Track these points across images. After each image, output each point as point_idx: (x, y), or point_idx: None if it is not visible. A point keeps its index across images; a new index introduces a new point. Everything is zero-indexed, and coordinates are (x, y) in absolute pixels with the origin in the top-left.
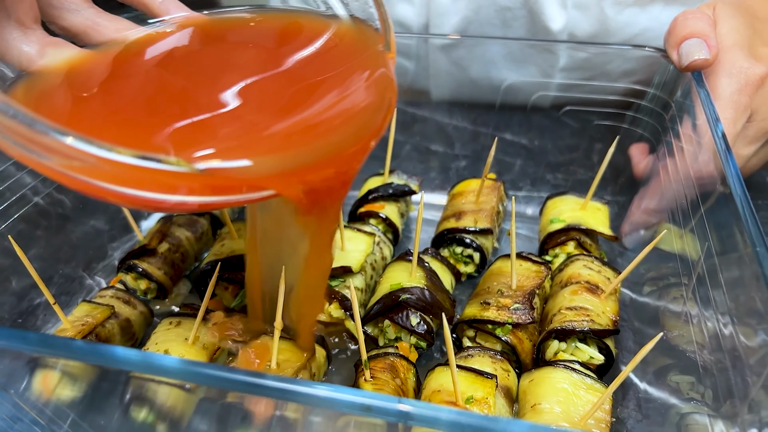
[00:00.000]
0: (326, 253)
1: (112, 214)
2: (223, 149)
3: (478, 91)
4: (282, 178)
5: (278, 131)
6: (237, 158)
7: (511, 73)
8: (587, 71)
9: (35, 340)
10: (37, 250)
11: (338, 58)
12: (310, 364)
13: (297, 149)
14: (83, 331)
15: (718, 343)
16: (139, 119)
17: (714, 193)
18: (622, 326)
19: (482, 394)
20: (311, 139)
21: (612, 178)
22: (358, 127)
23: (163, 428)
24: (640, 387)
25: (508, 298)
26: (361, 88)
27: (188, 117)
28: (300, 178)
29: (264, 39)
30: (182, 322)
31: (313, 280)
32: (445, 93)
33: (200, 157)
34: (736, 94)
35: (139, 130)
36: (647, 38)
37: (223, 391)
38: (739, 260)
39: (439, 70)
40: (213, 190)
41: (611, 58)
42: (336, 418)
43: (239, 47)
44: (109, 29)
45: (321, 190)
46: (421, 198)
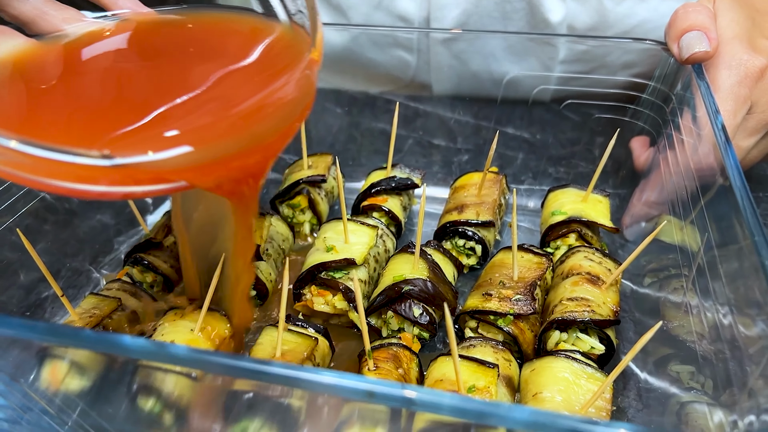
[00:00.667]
0: (248, 237)
1: (118, 209)
2: (143, 143)
3: (479, 84)
4: (194, 171)
5: (192, 128)
6: (153, 152)
7: (512, 66)
8: (587, 63)
9: (45, 330)
10: (44, 245)
11: (265, 62)
12: (313, 354)
13: (209, 145)
14: (91, 322)
15: (717, 334)
16: (74, 114)
17: (714, 185)
18: (623, 317)
19: (484, 383)
20: (223, 136)
21: (613, 171)
22: (268, 129)
23: (170, 418)
24: (641, 377)
25: (510, 290)
26: (279, 90)
27: (116, 115)
28: (211, 171)
29: (198, 40)
30: (187, 313)
31: (238, 261)
32: (446, 87)
33: (122, 151)
34: (736, 86)
35: (72, 124)
36: (646, 30)
37: (229, 379)
38: (738, 251)
39: (440, 64)
40: (135, 182)
41: (611, 50)
42: (340, 406)
43: (174, 48)
44: (56, 18)
45: (233, 182)
46: (423, 191)
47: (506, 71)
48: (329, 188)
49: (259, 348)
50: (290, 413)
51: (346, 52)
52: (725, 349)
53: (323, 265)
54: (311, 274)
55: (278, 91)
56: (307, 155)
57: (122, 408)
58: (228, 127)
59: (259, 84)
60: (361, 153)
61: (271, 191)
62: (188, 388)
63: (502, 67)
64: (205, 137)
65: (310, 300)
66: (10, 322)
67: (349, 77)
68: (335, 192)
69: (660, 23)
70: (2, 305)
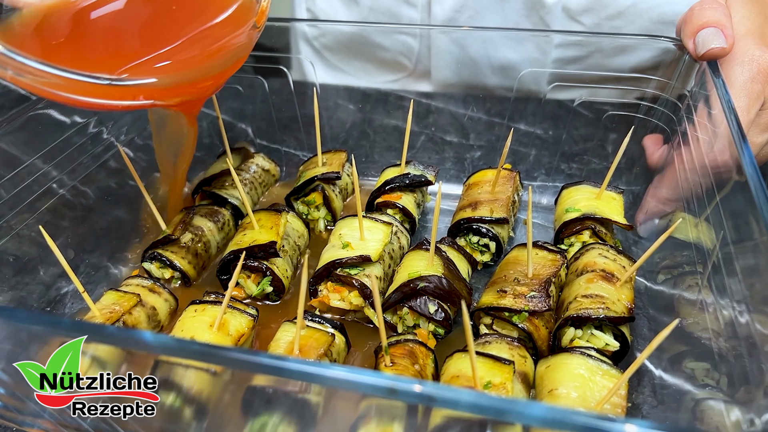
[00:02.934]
0: (191, 145)
1: (134, 205)
2: (140, 70)
3: (477, 71)
4: (170, 90)
5: (173, 62)
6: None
7: (509, 51)
8: (583, 48)
9: (70, 326)
10: (63, 241)
11: (228, 20)
12: (330, 350)
13: (184, 72)
14: (111, 318)
15: (733, 331)
16: (92, 50)
17: (729, 182)
18: (638, 314)
19: (500, 380)
20: (193, 67)
21: (627, 168)
22: (219, 65)
23: (190, 412)
24: (656, 373)
25: (525, 286)
26: (231, 41)
27: (123, 51)
28: (180, 91)
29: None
30: (207, 309)
31: (184, 162)
32: (445, 74)
33: (128, 74)
34: (749, 83)
35: (92, 57)
36: (640, 9)
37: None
38: (754, 248)
39: (439, 50)
40: (132, 97)
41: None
42: (357, 402)
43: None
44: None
45: (190, 102)
46: (439, 188)
47: (503, 56)
48: (343, 185)
49: (276, 344)
50: (308, 409)
51: (356, 37)
52: (741, 346)
53: (339, 261)
54: (327, 270)
55: (231, 41)
56: (321, 152)
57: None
58: (195, 62)
59: (218, 35)
60: (374, 149)
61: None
62: (208, 383)
63: (500, 53)
64: (181, 68)
65: (326, 296)
66: (34, 317)
67: (358, 63)
68: (349, 188)
69: (654, 3)
70: (23, 300)
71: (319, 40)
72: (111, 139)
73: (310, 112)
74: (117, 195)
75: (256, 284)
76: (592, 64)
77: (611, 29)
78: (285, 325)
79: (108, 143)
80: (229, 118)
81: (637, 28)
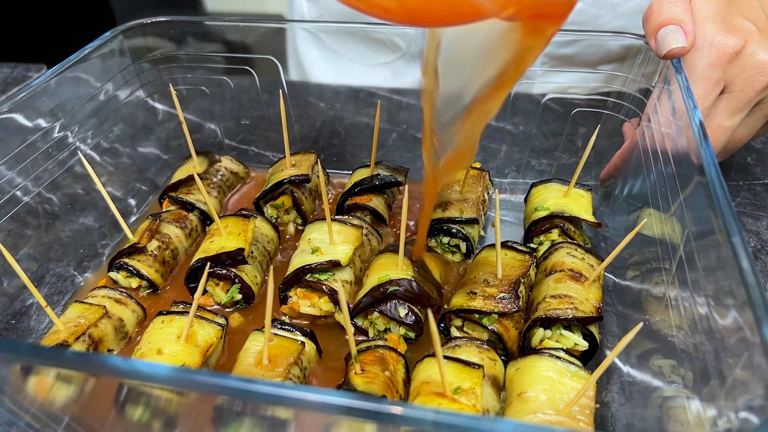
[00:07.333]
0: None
1: (101, 212)
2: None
3: None
4: None
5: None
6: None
7: None
8: (552, 43)
9: (27, 350)
10: (27, 250)
11: None
12: (300, 358)
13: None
14: (76, 332)
15: (696, 326)
16: None
17: (692, 179)
18: (606, 311)
19: (470, 385)
20: None
21: (596, 162)
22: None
23: (159, 426)
24: (624, 371)
25: (494, 288)
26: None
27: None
28: None
29: None
30: (174, 320)
31: (496, 100)
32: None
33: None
34: (707, 69)
35: None
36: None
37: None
38: (715, 244)
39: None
40: None
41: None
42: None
43: None
44: None
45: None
46: (406, 189)
47: None
48: (313, 187)
49: (245, 354)
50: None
51: (354, 15)
52: (705, 343)
53: (308, 267)
54: (297, 276)
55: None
56: (290, 153)
57: (110, 419)
58: None
59: None
60: (345, 148)
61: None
62: (176, 399)
63: None
64: None
65: (296, 302)
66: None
67: (353, 45)
68: (320, 190)
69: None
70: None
71: (317, 24)
72: (76, 143)
73: (279, 111)
74: (83, 201)
75: (225, 291)
76: (561, 59)
77: (589, 18)
78: (254, 334)
79: (73, 148)
80: (197, 119)
81: (614, 17)
